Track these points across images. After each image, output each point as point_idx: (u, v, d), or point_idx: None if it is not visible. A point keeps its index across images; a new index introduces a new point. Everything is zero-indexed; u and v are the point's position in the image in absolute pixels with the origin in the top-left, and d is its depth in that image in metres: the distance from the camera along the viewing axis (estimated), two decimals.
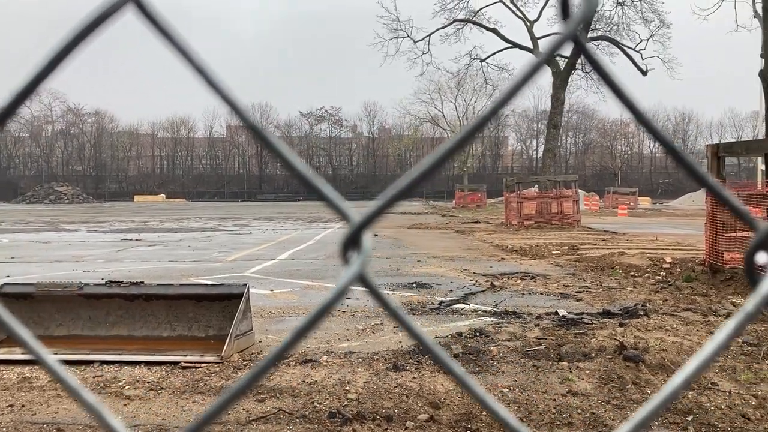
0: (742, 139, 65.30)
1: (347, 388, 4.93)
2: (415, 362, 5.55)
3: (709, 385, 4.84)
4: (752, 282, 0.62)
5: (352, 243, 0.58)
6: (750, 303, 0.60)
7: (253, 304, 6.45)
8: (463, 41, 43.10)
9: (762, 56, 15.47)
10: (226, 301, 6.19)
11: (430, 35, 41.77)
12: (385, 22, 42.03)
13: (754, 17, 18.76)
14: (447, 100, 73.77)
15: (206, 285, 7.59)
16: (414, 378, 5.13)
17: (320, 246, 17.64)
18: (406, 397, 4.71)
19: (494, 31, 40.02)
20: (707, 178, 0.61)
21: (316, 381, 5.10)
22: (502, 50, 42.83)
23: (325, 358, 5.75)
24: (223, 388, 4.99)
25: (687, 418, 4.25)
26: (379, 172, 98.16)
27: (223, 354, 5.63)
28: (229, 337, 5.74)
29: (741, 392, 4.66)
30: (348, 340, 6.58)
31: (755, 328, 6.74)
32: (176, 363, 5.56)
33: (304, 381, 5.11)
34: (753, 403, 4.45)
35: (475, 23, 40.38)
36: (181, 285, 7.09)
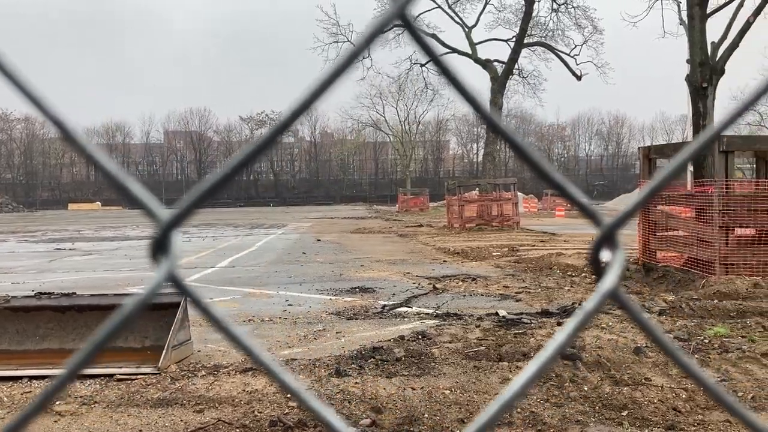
0: (672, 142, 67.72)
1: (289, 395, 4.86)
2: (358, 367, 5.53)
3: (643, 380, 4.99)
4: (598, 275, 0.64)
5: (160, 245, 0.56)
6: (590, 301, 0.61)
7: (191, 313, 6.31)
8: (403, 46, 43.34)
9: (688, 62, 16.11)
10: (164, 311, 6.02)
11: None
12: (325, 26, 41.84)
13: (680, 24, 19.53)
14: (389, 105, 74.25)
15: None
16: (356, 383, 5.11)
17: (261, 252, 17.43)
18: (348, 402, 4.68)
19: (434, 36, 40.36)
20: (552, 174, 0.62)
21: (256, 389, 5.02)
22: (441, 55, 43.16)
23: None
24: (160, 399, 4.85)
25: (622, 414, 4.37)
26: (322, 176, 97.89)
27: (160, 365, 5.48)
28: (166, 347, 5.60)
29: (672, 386, 4.82)
30: (289, 347, 6.50)
31: (686, 324, 6.99)
32: (111, 376, 5.38)
33: (244, 390, 5.02)
34: (683, 396, 4.60)
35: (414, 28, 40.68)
36: (116, 295, 6.86)
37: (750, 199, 9.90)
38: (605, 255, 0.64)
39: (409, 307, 8.67)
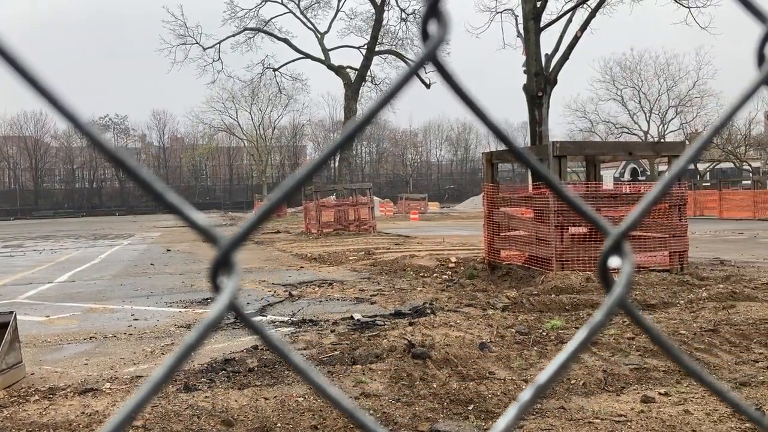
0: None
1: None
2: (208, 380, 5.35)
3: (488, 374, 5.24)
4: (607, 287, 0.64)
5: (222, 266, 0.52)
6: (599, 312, 0.62)
7: (24, 332, 5.81)
8: (255, 50, 42.74)
9: (525, 72, 17.23)
10: None
11: (220, 43, 40.88)
12: (172, 28, 40.24)
13: (518, 37, 20.87)
14: (242, 109, 72.58)
15: None
16: (206, 397, 4.94)
17: (106, 265, 16.41)
18: (198, 417, 4.51)
19: (286, 41, 40.22)
20: (562, 188, 0.64)
21: (97, 411, 4.70)
22: (294, 60, 43.16)
23: (108, 385, 5.33)
24: None
25: (468, 408, 4.56)
26: (173, 183, 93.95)
27: None
28: None
29: (514, 378, 5.11)
30: (135, 363, 6.16)
31: (527, 318, 7.44)
32: None
33: (83, 412, 4.68)
34: (524, 387, 4.89)
35: (266, 32, 40.28)
36: None
37: (582, 200, 10.72)
38: (614, 261, 0.65)
39: (264, 315, 8.53)
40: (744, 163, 58.81)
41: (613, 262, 0.65)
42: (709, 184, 47.09)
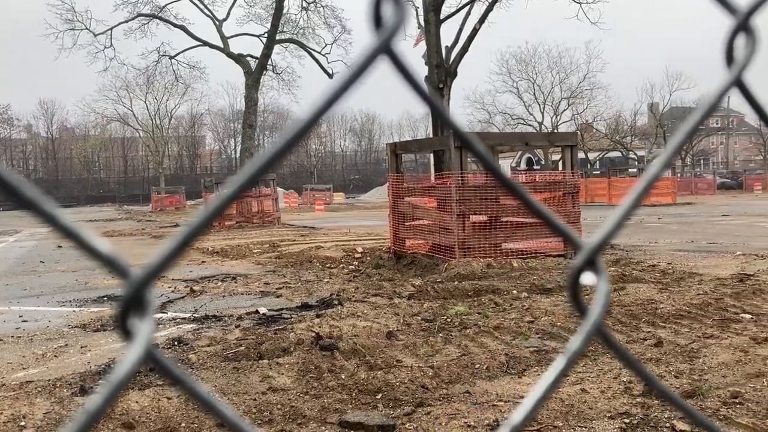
0: (417, 138, 73.15)
1: (22, 423, 4.33)
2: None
3: (395, 362, 5.30)
4: (580, 310, 0.54)
5: (134, 306, 0.43)
6: (576, 339, 0.52)
7: None
8: (150, 37, 40.96)
9: (426, 63, 17.49)
10: None
11: (112, 29, 38.95)
12: (59, 12, 37.93)
13: (419, 28, 21.13)
14: (137, 98, 69.63)
15: None
16: None
17: None
18: (96, 421, 4.29)
19: (182, 28, 38.87)
20: (525, 195, 0.56)
21: None
22: (192, 48, 41.80)
23: None
24: None
25: (377, 397, 4.59)
26: (63, 176, 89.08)
27: None
28: None
29: (420, 365, 5.18)
30: (24, 368, 5.79)
31: (431, 305, 7.57)
32: None
33: None
34: (430, 374, 4.97)
35: (161, 19, 38.75)
36: None
37: (482, 189, 11.04)
38: (588, 278, 0.56)
39: (164, 312, 8.24)
40: (630, 152, 62.44)
41: (587, 279, 0.58)
42: (599, 172, 49.66)
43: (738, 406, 4.14)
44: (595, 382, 4.73)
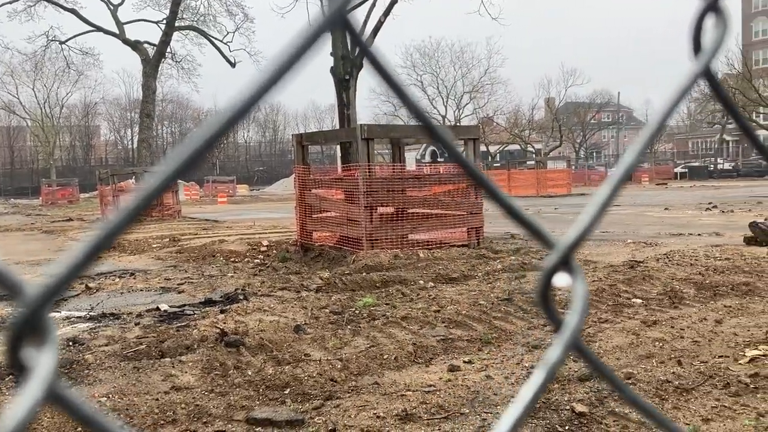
0: (323, 129, 72.72)
1: None
2: None
3: (303, 356, 5.24)
4: (553, 320, 0.48)
5: (30, 331, 0.33)
6: (554, 350, 0.47)
7: None
8: (38, 20, 38.59)
9: (332, 54, 17.40)
10: None
11: None
12: None
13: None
14: (23, 85, 65.50)
15: None
16: None
17: None
18: None
19: (73, 11, 36.83)
20: (501, 195, 0.50)
21: None
22: (84, 33, 39.68)
23: None
24: None
25: (285, 392, 4.52)
26: None
27: None
28: None
29: (329, 358, 5.15)
30: None
31: (340, 298, 7.54)
32: None
33: None
34: (339, 366, 4.95)
35: (50, 1, 36.56)
36: None
37: (388, 181, 11.11)
38: (561, 280, 0.51)
39: (57, 311, 7.78)
40: (528, 145, 64.82)
41: (560, 280, 0.53)
42: (499, 164, 51.26)
43: (631, 386, 4.36)
44: (499, 368, 4.86)
